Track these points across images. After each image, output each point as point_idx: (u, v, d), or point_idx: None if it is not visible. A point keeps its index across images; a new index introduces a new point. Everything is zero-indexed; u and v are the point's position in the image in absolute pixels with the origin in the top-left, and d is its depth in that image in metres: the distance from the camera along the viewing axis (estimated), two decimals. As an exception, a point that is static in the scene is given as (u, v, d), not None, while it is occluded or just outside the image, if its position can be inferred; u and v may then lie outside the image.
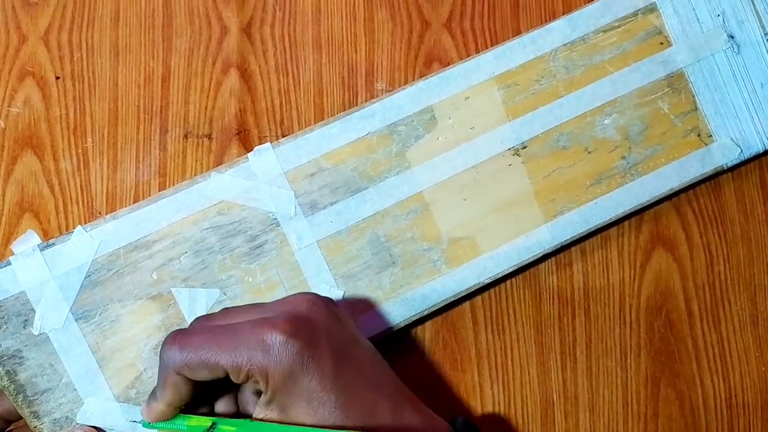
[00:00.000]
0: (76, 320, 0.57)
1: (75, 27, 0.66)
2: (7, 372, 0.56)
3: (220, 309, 0.51)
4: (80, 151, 0.65)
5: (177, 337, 0.46)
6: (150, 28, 0.67)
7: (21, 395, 0.56)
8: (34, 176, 0.64)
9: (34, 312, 0.57)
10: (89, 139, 0.65)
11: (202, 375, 0.46)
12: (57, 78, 0.66)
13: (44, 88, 0.65)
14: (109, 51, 0.66)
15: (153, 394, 0.49)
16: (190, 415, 0.50)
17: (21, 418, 0.58)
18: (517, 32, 0.68)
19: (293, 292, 0.59)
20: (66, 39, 0.66)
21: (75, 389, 0.57)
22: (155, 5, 0.67)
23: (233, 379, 0.45)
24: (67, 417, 0.57)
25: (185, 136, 0.66)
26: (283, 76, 0.67)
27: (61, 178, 0.64)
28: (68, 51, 0.66)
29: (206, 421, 0.48)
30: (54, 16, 0.66)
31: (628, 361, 0.66)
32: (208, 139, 0.66)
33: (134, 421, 0.57)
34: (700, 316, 0.67)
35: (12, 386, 0.56)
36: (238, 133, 0.66)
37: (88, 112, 0.66)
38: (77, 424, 0.57)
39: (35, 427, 0.56)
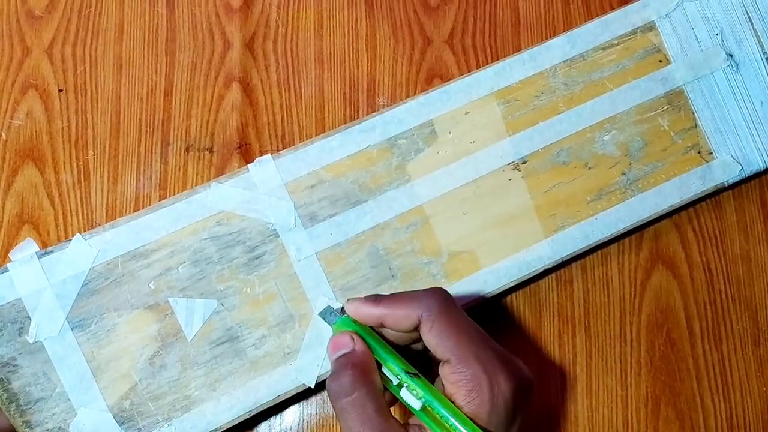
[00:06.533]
0: (71, 329, 0.57)
1: (79, 40, 0.67)
2: (0, 380, 0.56)
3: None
4: (81, 163, 0.65)
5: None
6: (153, 42, 0.67)
7: (14, 404, 0.56)
8: (35, 188, 0.64)
9: (30, 320, 0.56)
10: (90, 152, 0.65)
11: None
12: (60, 91, 0.66)
13: (47, 100, 0.66)
14: (113, 64, 0.67)
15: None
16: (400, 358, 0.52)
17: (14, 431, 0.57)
18: (518, 50, 0.68)
19: (292, 304, 0.60)
20: (70, 52, 0.67)
21: (68, 399, 0.57)
22: (159, 20, 0.68)
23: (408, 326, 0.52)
24: (59, 427, 0.56)
25: (187, 150, 0.66)
26: (285, 90, 0.67)
27: (61, 190, 0.65)
28: (72, 64, 0.66)
29: (409, 368, 0.51)
30: (58, 29, 0.67)
31: (629, 379, 0.66)
32: (210, 152, 0.66)
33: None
34: (702, 335, 0.66)
35: (5, 395, 0.56)
36: (239, 147, 0.66)
37: (90, 124, 0.66)
38: None
39: (27, 437, 0.56)
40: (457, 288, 0.62)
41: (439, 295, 0.52)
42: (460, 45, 0.69)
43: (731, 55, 0.66)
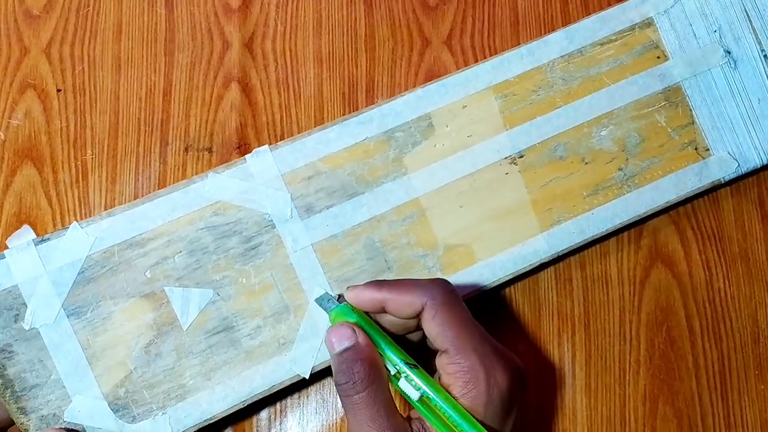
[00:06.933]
0: (67, 316, 0.57)
1: (77, 40, 0.67)
2: (-4, 366, 0.56)
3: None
4: (80, 163, 0.65)
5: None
6: (152, 42, 0.68)
7: (9, 390, 0.56)
8: (33, 188, 0.65)
9: (26, 306, 0.56)
10: (89, 152, 0.65)
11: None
12: (58, 91, 0.66)
13: (45, 100, 0.66)
14: (111, 64, 0.67)
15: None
16: (399, 349, 0.53)
17: (13, 424, 0.57)
18: (516, 49, 0.68)
19: (287, 295, 0.60)
20: (68, 52, 0.67)
21: (64, 386, 0.56)
22: (158, 19, 0.68)
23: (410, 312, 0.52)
24: (54, 414, 0.56)
25: (186, 150, 0.66)
26: (284, 90, 0.68)
27: (59, 190, 0.65)
28: (70, 64, 0.67)
29: (408, 359, 0.52)
30: (56, 29, 0.67)
31: (627, 377, 0.65)
32: (209, 152, 0.66)
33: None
34: (701, 333, 0.66)
35: (0, 381, 0.56)
36: (238, 147, 0.66)
37: (89, 124, 0.66)
38: (64, 422, 0.56)
39: (21, 423, 0.56)
40: (452, 281, 0.61)
41: (444, 285, 0.53)
42: (458, 45, 0.69)
43: (729, 52, 0.66)
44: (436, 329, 0.51)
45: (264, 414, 0.63)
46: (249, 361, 0.59)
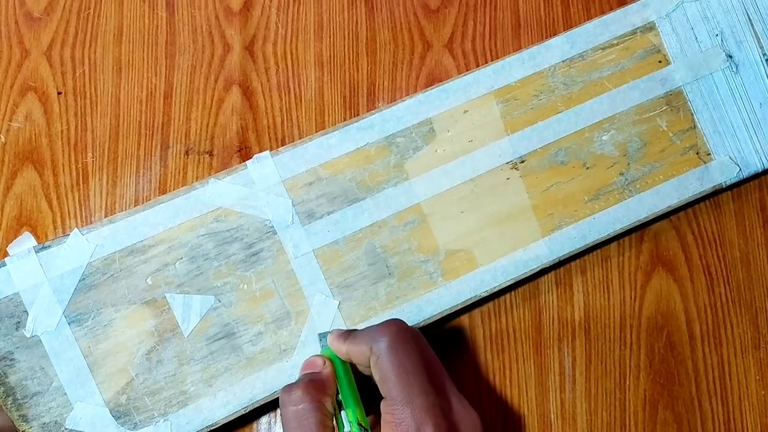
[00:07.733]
0: (68, 323, 0.57)
1: (78, 43, 0.67)
2: (-2, 374, 0.56)
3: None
4: (80, 166, 0.65)
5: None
6: (153, 45, 0.68)
7: (11, 398, 0.56)
8: (33, 191, 0.64)
9: (27, 314, 0.56)
10: (90, 155, 0.65)
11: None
12: (59, 93, 0.66)
13: (46, 103, 0.66)
14: (112, 67, 0.67)
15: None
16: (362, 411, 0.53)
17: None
18: (518, 53, 0.68)
19: (288, 301, 0.60)
20: (69, 54, 0.67)
21: (65, 393, 0.57)
22: (159, 22, 0.68)
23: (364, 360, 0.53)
24: (56, 422, 0.56)
25: (186, 153, 0.66)
26: (285, 94, 0.67)
27: (59, 193, 0.64)
28: (71, 66, 0.67)
29: (363, 421, 0.53)
30: (57, 31, 0.67)
31: (627, 382, 0.65)
32: (209, 155, 0.66)
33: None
34: (702, 338, 0.66)
35: (2, 388, 0.56)
36: (239, 150, 0.66)
37: (90, 127, 0.66)
38: (66, 429, 0.56)
39: (24, 431, 0.56)
40: (453, 286, 0.62)
41: (392, 329, 0.53)
42: (460, 49, 0.69)
43: (731, 57, 0.66)
44: (377, 375, 0.51)
45: (264, 419, 0.63)
46: (250, 367, 0.59)
